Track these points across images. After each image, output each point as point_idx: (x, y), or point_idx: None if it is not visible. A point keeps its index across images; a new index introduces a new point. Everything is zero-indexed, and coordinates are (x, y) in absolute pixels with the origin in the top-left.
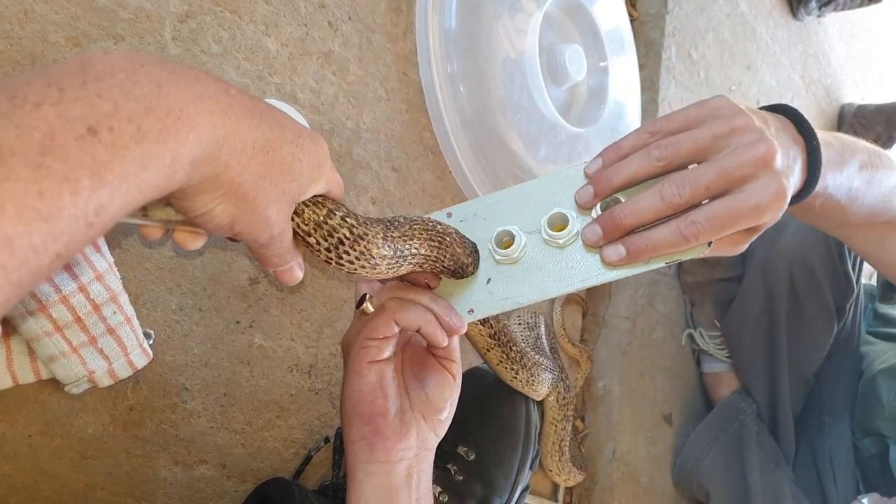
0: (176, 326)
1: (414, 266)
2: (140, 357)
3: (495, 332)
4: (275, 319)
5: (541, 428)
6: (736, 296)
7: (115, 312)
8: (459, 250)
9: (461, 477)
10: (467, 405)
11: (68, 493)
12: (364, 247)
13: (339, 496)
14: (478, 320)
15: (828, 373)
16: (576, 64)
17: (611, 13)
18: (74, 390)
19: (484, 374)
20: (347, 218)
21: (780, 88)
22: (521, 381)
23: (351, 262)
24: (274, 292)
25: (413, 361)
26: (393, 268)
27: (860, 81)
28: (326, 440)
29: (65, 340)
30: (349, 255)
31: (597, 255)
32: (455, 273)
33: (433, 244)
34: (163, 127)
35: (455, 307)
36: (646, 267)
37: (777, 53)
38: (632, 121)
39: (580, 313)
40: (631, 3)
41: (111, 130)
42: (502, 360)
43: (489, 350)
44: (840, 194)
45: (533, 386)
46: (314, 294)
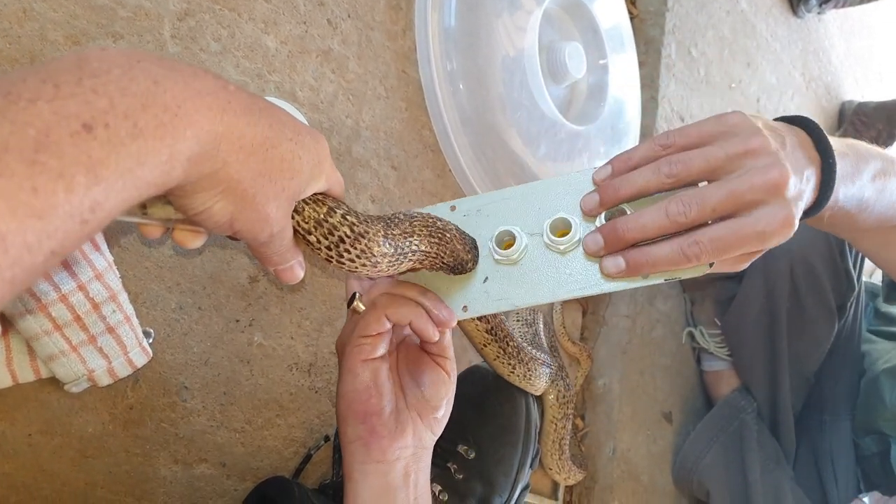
0: (175, 325)
1: (414, 263)
2: (139, 356)
3: (492, 328)
4: (274, 318)
5: (541, 426)
6: (736, 294)
7: (115, 311)
8: (459, 246)
9: (461, 475)
10: (467, 404)
11: (68, 492)
12: (365, 245)
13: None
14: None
15: (828, 371)
16: (575, 62)
17: (610, 11)
18: (74, 389)
19: (484, 373)
20: (348, 216)
21: (781, 86)
22: (519, 376)
23: (352, 261)
24: (273, 291)
25: (408, 360)
26: (394, 265)
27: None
28: (326, 439)
29: (64, 339)
30: (350, 254)
31: (596, 265)
32: (454, 269)
33: (433, 241)
34: (159, 123)
35: (450, 303)
36: (644, 282)
37: (777, 51)
38: (631, 118)
39: (580, 311)
40: (631, 1)
41: (107, 127)
42: (499, 356)
43: (486, 345)
44: (851, 205)
45: (530, 380)
46: (314, 292)
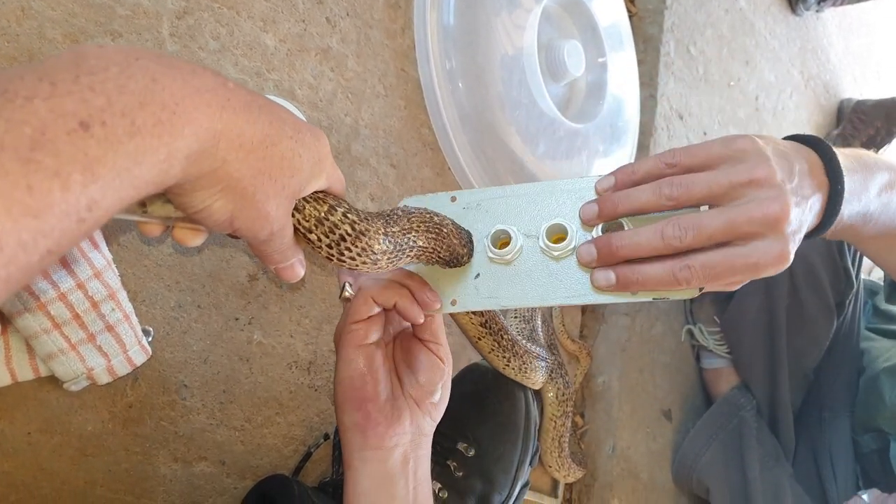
0: (175, 323)
1: (412, 258)
2: (139, 354)
3: (486, 321)
4: (274, 316)
5: (540, 424)
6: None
7: (114, 309)
8: (455, 241)
9: (461, 473)
10: (467, 401)
11: (68, 491)
12: (366, 243)
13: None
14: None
15: (827, 368)
16: (574, 60)
17: (609, 9)
18: (73, 387)
19: (483, 371)
20: (349, 214)
21: (779, 84)
22: (514, 369)
23: (353, 259)
24: (273, 289)
25: (403, 350)
26: (392, 262)
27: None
28: (326, 437)
29: (63, 338)
30: (351, 252)
31: (587, 275)
32: (449, 263)
33: (431, 236)
34: (157, 121)
35: (440, 296)
36: (633, 298)
37: (776, 49)
38: (630, 116)
39: (580, 309)
40: None
41: (104, 125)
42: (494, 349)
43: (480, 339)
44: (855, 220)
45: (526, 374)
46: (313, 290)
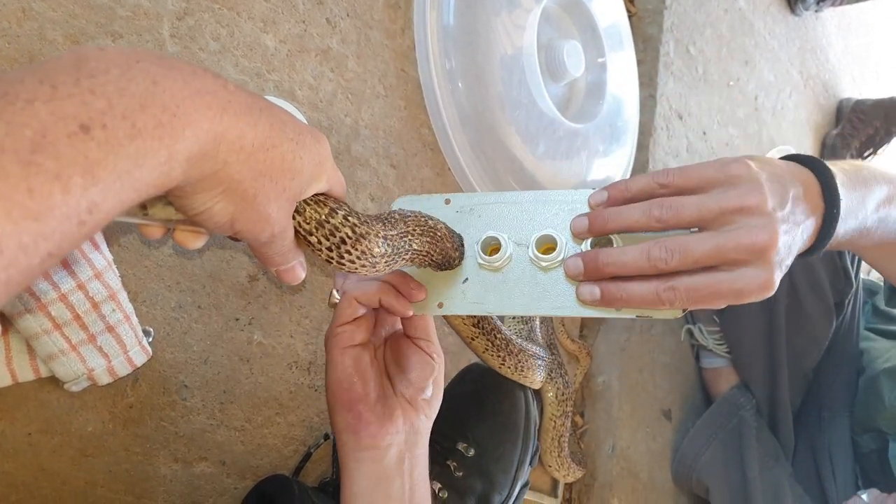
0: (175, 324)
1: (406, 261)
2: (139, 355)
3: (478, 321)
4: (274, 316)
5: (540, 424)
6: None
7: (114, 310)
8: (448, 245)
9: (461, 473)
10: (466, 401)
11: (68, 491)
12: (366, 246)
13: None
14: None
15: (827, 368)
16: (574, 60)
17: (609, 9)
18: (74, 388)
19: (483, 371)
20: (349, 217)
21: (779, 83)
22: (510, 368)
23: (352, 262)
24: (273, 289)
25: (393, 350)
26: (389, 265)
27: (858, 76)
28: (326, 437)
29: (64, 338)
30: (350, 255)
31: (574, 288)
32: (441, 266)
33: (426, 239)
34: (158, 123)
35: (428, 298)
36: (617, 314)
37: (775, 49)
38: (630, 116)
39: None
40: None
41: (104, 127)
42: (488, 348)
43: (474, 339)
44: (851, 235)
45: (522, 372)
46: (313, 291)
